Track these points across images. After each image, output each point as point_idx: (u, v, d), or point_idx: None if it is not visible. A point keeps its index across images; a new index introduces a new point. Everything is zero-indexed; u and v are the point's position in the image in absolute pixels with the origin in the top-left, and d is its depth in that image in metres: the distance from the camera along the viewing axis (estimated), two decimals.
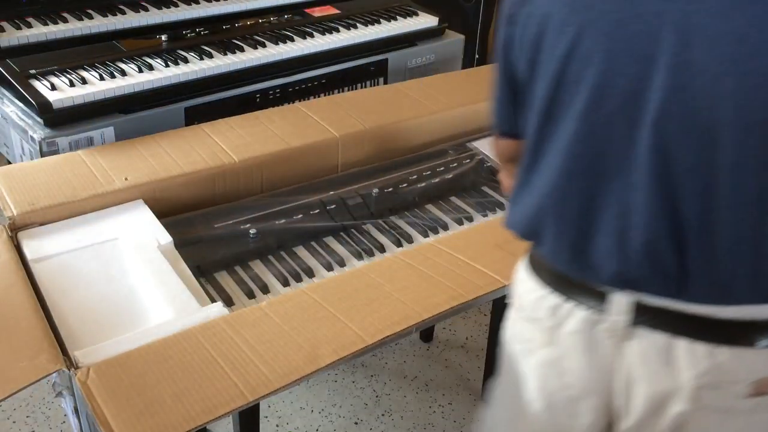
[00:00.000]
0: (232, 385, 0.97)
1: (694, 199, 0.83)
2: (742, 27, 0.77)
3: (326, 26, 2.12)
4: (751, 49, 0.77)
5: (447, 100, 1.82)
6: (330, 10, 2.25)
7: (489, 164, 1.69)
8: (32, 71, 1.68)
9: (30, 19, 1.87)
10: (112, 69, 1.73)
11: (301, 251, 1.40)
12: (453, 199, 1.59)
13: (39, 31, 1.82)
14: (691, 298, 0.86)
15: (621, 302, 0.90)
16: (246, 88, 1.88)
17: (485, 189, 1.64)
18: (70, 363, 1.00)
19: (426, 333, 2.21)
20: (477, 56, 3.30)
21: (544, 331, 0.98)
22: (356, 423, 1.92)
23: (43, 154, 1.56)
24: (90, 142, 1.63)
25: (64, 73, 1.69)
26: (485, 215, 1.53)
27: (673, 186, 0.83)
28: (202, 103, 1.80)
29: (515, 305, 1.05)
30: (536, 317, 0.99)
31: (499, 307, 1.81)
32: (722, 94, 0.78)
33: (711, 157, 0.81)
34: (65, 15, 1.92)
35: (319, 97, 2.03)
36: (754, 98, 0.78)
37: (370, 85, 2.16)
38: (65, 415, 1.85)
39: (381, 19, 2.21)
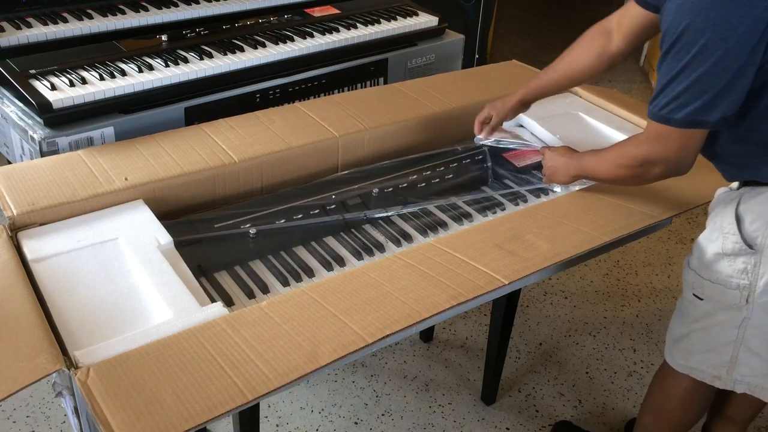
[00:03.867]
0: (232, 384, 0.97)
1: None
2: None
3: (326, 26, 2.12)
4: None
5: (447, 100, 1.82)
6: (330, 10, 2.26)
7: (489, 164, 1.69)
8: (32, 71, 1.68)
9: (30, 19, 1.87)
10: (112, 69, 1.73)
11: (301, 251, 1.40)
12: (453, 199, 1.59)
13: (39, 31, 1.82)
14: None
15: None
16: (246, 88, 1.89)
17: (485, 189, 1.64)
18: (70, 363, 1.00)
19: (426, 333, 2.21)
20: (477, 56, 3.30)
21: None
22: (356, 423, 1.92)
23: (43, 154, 1.56)
24: (90, 142, 1.63)
25: (64, 73, 1.69)
26: (485, 215, 1.53)
27: None
28: (202, 103, 1.81)
29: None
30: None
31: (498, 307, 1.81)
32: None
33: None
34: (65, 15, 1.92)
35: (319, 97, 2.03)
36: None
37: (370, 85, 2.16)
38: (65, 415, 1.85)
39: (381, 19, 2.21)
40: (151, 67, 1.77)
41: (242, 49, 1.92)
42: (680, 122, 1.17)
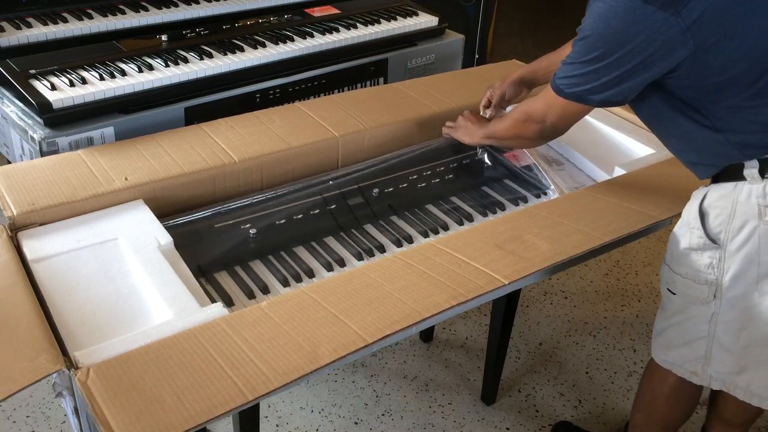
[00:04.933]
0: (232, 385, 0.97)
1: None
2: None
3: (326, 26, 2.12)
4: None
5: (447, 100, 1.82)
6: (330, 10, 2.25)
7: (489, 164, 1.69)
8: (32, 71, 1.68)
9: (30, 19, 1.87)
10: (112, 69, 1.73)
11: (301, 251, 1.40)
12: (453, 199, 1.59)
13: (39, 31, 1.82)
14: None
15: None
16: (246, 88, 1.89)
17: (485, 189, 1.64)
18: (70, 363, 1.00)
19: (426, 333, 2.21)
20: (477, 56, 3.30)
21: None
22: (356, 423, 1.92)
23: (43, 154, 1.56)
24: (90, 142, 1.63)
25: (64, 73, 1.69)
26: (485, 215, 1.53)
27: None
28: (202, 103, 1.80)
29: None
30: None
31: (498, 307, 1.81)
32: None
33: None
34: (65, 15, 1.92)
35: (319, 97, 2.03)
36: None
37: (370, 85, 2.16)
38: (65, 415, 1.85)
39: (381, 19, 2.21)
40: (151, 67, 1.77)
41: (242, 49, 1.92)
42: (568, 95, 1.30)
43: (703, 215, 1.31)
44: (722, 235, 1.28)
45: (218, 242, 1.36)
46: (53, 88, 1.62)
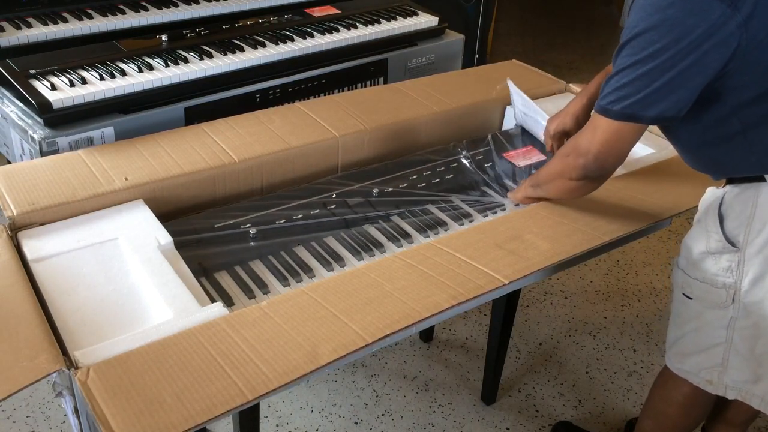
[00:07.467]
0: (232, 384, 0.97)
1: None
2: None
3: (326, 26, 2.12)
4: None
5: (447, 100, 1.82)
6: (330, 10, 2.26)
7: (489, 164, 1.69)
8: (32, 71, 1.68)
9: (30, 19, 1.87)
10: (112, 69, 1.73)
11: (301, 251, 1.40)
12: (453, 199, 1.59)
13: (39, 31, 1.82)
14: None
15: None
16: (246, 88, 1.89)
17: (485, 189, 1.64)
18: (70, 363, 1.00)
19: (426, 333, 2.21)
20: (477, 56, 3.30)
21: None
22: (356, 423, 1.92)
23: (43, 154, 1.56)
24: (90, 142, 1.63)
25: (64, 73, 1.69)
26: (485, 215, 1.53)
27: None
28: (202, 103, 1.81)
29: None
30: None
31: (498, 307, 1.81)
32: None
33: None
34: (65, 15, 1.92)
35: (319, 97, 2.03)
36: None
37: (370, 85, 2.16)
38: (65, 415, 1.85)
39: (381, 19, 2.21)
40: (151, 67, 1.77)
41: (242, 49, 1.92)
42: (616, 114, 1.17)
43: (721, 218, 1.28)
44: (741, 237, 1.26)
45: (218, 242, 1.36)
46: (53, 88, 1.62)
